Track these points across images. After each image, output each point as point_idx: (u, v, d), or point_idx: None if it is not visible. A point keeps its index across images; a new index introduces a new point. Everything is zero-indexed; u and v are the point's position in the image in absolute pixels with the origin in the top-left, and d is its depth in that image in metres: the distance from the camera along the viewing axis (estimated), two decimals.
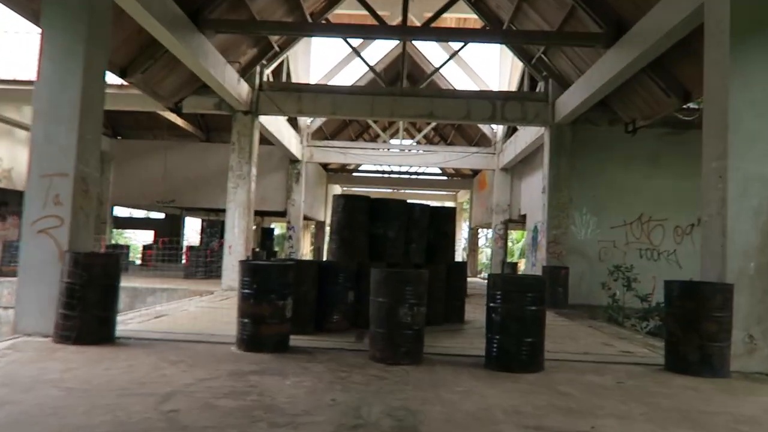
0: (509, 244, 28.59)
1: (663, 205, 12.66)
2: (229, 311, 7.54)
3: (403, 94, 12.93)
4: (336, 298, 6.96)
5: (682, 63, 9.22)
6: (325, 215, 26.04)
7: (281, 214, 20.02)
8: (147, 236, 29.24)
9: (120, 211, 28.20)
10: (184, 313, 8.25)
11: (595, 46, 9.91)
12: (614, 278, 11.65)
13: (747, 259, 5.53)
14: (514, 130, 17.45)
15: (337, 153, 19.49)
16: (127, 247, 18.00)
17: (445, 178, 31.70)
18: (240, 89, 11.76)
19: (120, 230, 35.95)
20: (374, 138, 26.28)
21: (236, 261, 12.23)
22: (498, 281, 5.21)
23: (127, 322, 7.07)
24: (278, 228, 35.38)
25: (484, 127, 19.59)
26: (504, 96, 13.18)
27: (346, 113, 13.92)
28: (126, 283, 12.72)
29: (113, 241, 19.57)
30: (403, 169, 28.55)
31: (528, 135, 14.97)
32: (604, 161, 12.84)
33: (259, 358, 5.13)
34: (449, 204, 39.40)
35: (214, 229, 16.27)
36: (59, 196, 5.83)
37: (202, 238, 16.74)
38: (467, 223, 40.36)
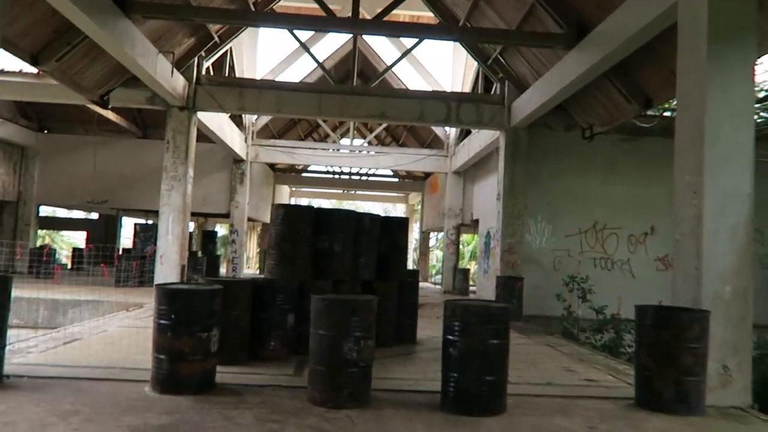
0: (459, 246, 28.38)
1: (618, 213, 12.43)
2: None
3: (353, 93, 12.19)
4: (273, 322, 6.17)
5: (644, 68, 8.88)
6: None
7: (225, 216, 18.93)
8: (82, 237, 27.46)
9: (60, 212, 26.36)
10: (100, 337, 7.25)
11: (554, 47, 9.46)
12: (569, 289, 11.29)
13: (723, 282, 5.08)
14: (468, 132, 16.98)
15: (284, 153, 18.56)
16: (51, 249, 16.46)
17: (396, 180, 31.16)
18: (174, 82, 10.75)
19: (54, 231, 33.77)
20: (324, 138, 25.47)
21: (170, 272, 11.26)
22: (457, 311, 4.55)
23: (29, 351, 6.07)
24: (222, 229, 34.03)
25: (437, 129, 19.08)
26: (459, 97, 12.64)
27: (292, 111, 13.06)
28: (47, 293, 11.56)
29: (36, 244, 17.98)
30: (354, 170, 27.85)
31: (482, 138, 14.50)
32: (560, 167, 12.50)
33: (175, 405, 4.30)
34: (400, 206, 38.98)
35: (148, 233, 15.07)
36: None
37: (135, 243, 15.50)
38: (418, 225, 40.18)
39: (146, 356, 5.01)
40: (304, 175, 28.70)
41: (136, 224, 16.11)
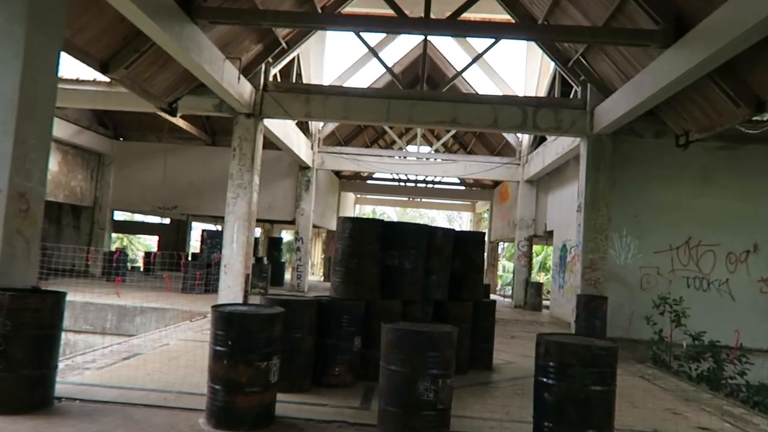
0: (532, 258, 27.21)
1: (714, 229, 11.20)
2: None
3: (423, 98, 11.62)
4: (338, 346, 5.67)
5: (757, 66, 7.82)
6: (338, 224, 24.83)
7: (290, 223, 18.80)
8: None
9: (137, 216, 27.31)
10: (161, 351, 6.99)
11: (650, 46, 8.53)
12: (660, 312, 10.23)
13: None
14: (542, 139, 16.09)
15: (349, 160, 18.22)
16: (123, 254, 16.78)
17: (463, 188, 30.35)
18: (241, 89, 10.54)
19: (130, 234, 35.11)
20: (390, 144, 25.07)
21: (234, 281, 11.05)
22: (553, 349, 3.87)
23: (86, 367, 5.84)
24: (288, 235, 34.26)
25: (509, 136, 18.22)
26: (536, 102, 11.80)
27: (360, 118, 12.63)
28: (114, 300, 11.66)
29: (111, 248, 18.46)
30: (420, 177, 27.29)
31: (558, 145, 13.59)
32: (648, 177, 11.42)
33: None
34: (466, 214, 38.01)
35: (215, 240, 15.08)
36: None
37: (202, 249, 15.54)
38: (486, 234, 39.15)
39: (204, 377, 4.60)
40: (369, 182, 28.43)
41: (203, 230, 16.17)
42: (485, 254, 7.52)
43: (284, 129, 13.81)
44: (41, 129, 4.93)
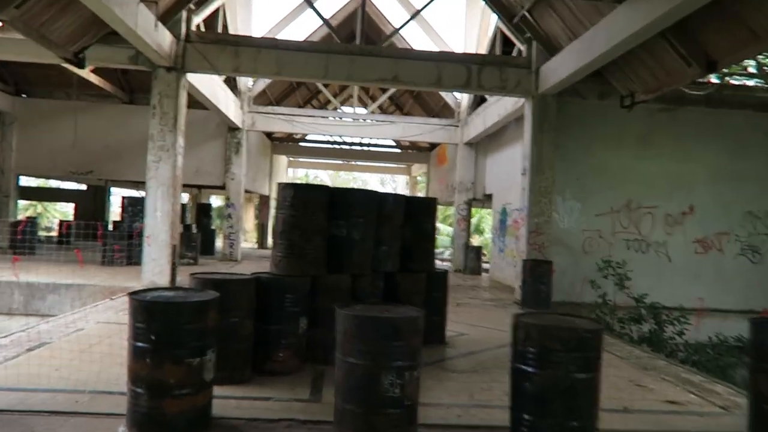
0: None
1: (653, 191, 11.28)
2: None
3: (362, 54, 10.84)
4: (282, 329, 5.04)
5: (709, 27, 7.61)
6: (270, 189, 23.78)
7: (220, 188, 17.67)
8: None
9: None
10: (75, 338, 6.11)
11: (602, 0, 8.14)
12: (603, 275, 10.22)
13: None
14: (482, 100, 15.71)
15: (282, 121, 17.19)
16: (30, 223, 15.20)
17: (398, 150, 29.86)
18: (160, 39, 9.39)
19: (43, 202, 32.48)
20: (324, 105, 24.08)
21: (159, 253, 10.12)
22: (533, 333, 3.41)
23: None
24: (218, 201, 32.78)
25: (448, 97, 17.74)
26: (480, 60, 11.28)
27: (295, 74, 11.70)
28: (24, 275, 10.39)
29: (15, 217, 16.67)
30: (355, 140, 26.52)
31: (501, 107, 13.22)
32: (590, 140, 11.30)
33: None
34: (401, 177, 37.60)
35: (137, 208, 13.83)
36: None
37: (123, 217, 14.26)
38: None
39: (125, 370, 3.89)
40: (302, 144, 27.38)
41: (123, 197, 14.84)
42: (435, 222, 7.01)
43: (210, 86, 12.66)
44: None
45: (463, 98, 17.33)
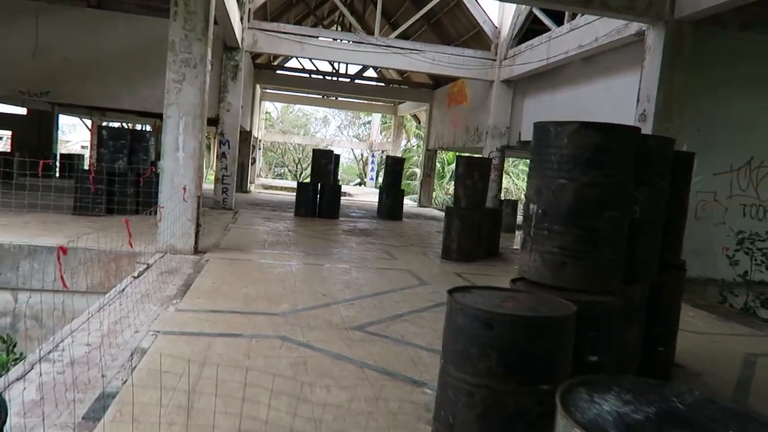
0: (437, 165, 24.79)
1: None
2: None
3: None
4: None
5: None
6: (251, 123, 20.63)
7: (212, 122, 14.61)
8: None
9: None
10: (145, 374, 3.55)
11: None
12: (743, 250, 8.41)
13: None
14: (528, 32, 13.34)
15: (291, 42, 14.11)
16: None
17: (382, 84, 27.03)
18: None
19: None
20: (328, 26, 20.86)
21: (191, 208, 7.43)
22: None
23: None
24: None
25: (485, 25, 15.13)
26: None
27: None
28: None
29: None
30: (333, 69, 23.50)
31: (585, 35, 10.89)
32: (719, 83, 9.22)
33: None
34: (376, 116, 34.64)
35: (119, 142, 10.76)
36: None
37: (100, 153, 11.11)
38: (410, 141, 36.31)
39: None
40: (279, 72, 24.16)
41: (100, 127, 11.64)
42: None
43: None
44: None
45: (503, 27, 14.83)
